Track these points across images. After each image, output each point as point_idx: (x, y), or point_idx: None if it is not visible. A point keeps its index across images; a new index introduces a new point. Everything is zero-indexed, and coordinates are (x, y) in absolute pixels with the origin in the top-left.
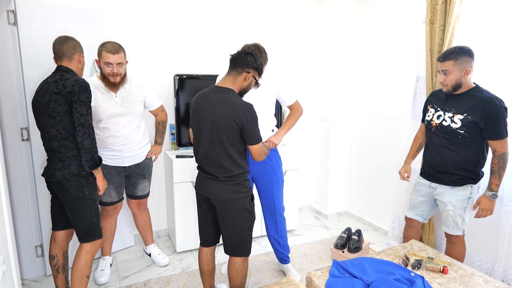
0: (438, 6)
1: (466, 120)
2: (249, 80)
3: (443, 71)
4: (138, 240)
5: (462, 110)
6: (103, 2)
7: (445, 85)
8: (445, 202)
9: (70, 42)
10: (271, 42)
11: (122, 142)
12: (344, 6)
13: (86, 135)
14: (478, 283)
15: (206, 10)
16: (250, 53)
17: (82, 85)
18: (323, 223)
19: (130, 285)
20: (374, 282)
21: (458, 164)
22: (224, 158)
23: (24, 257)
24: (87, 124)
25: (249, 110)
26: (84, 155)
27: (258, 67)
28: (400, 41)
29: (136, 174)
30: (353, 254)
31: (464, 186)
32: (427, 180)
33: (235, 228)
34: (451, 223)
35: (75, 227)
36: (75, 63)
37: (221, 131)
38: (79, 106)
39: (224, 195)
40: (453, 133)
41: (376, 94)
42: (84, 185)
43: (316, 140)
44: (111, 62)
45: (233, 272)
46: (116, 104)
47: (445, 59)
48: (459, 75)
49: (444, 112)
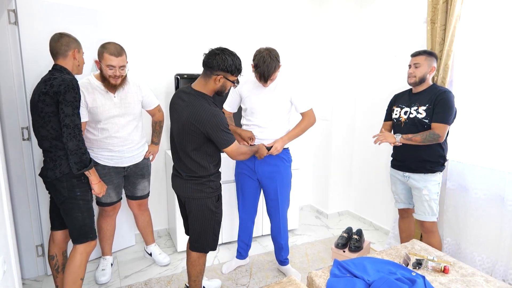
0: (439, 5)
1: (429, 110)
2: (221, 82)
3: (415, 64)
4: (139, 239)
5: (424, 102)
6: (104, 1)
7: (414, 76)
8: (420, 187)
9: (64, 39)
10: (272, 42)
11: (121, 143)
12: (345, 5)
13: (70, 136)
14: (479, 282)
15: (206, 9)
16: (219, 54)
17: (69, 84)
18: (324, 222)
19: (131, 285)
20: (375, 281)
21: (430, 151)
22: (188, 160)
23: (25, 257)
24: (72, 125)
25: (213, 119)
26: (70, 157)
27: (227, 68)
28: (401, 41)
29: (135, 174)
30: (354, 254)
31: (435, 173)
32: (400, 171)
33: (196, 225)
34: (426, 209)
35: (68, 228)
36: (70, 60)
37: (185, 136)
38: (64, 107)
39: (187, 193)
40: (419, 123)
41: (377, 94)
42: (75, 186)
43: (317, 140)
44: (114, 65)
45: (189, 265)
46: (115, 105)
47: (419, 54)
48: (427, 70)
49: (410, 107)
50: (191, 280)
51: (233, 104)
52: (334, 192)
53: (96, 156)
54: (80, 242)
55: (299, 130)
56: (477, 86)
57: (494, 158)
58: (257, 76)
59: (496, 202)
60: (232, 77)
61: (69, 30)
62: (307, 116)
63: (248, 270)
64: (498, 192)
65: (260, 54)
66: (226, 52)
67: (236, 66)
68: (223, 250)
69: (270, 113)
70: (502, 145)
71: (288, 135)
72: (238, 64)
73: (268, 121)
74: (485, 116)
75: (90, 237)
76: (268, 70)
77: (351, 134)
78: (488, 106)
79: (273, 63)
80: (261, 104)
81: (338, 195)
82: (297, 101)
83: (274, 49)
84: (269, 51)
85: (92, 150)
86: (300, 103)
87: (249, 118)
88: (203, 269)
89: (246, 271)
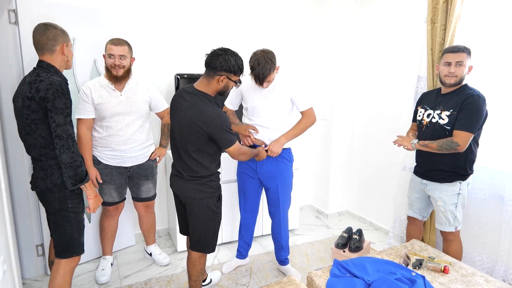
0: (439, 5)
1: (452, 116)
2: (224, 82)
3: (458, 62)
4: (139, 239)
5: (449, 107)
6: (104, 1)
7: (455, 76)
8: (435, 198)
9: (50, 32)
10: (272, 42)
11: (124, 142)
12: (345, 5)
13: (64, 148)
14: (479, 283)
15: (207, 9)
16: (222, 54)
17: (58, 89)
18: (324, 222)
19: (131, 285)
20: (375, 281)
21: (446, 161)
22: (189, 160)
23: (25, 257)
24: (65, 135)
25: (218, 119)
26: (65, 170)
27: (230, 69)
28: (401, 41)
29: (138, 175)
30: (354, 254)
31: (454, 183)
32: (419, 177)
33: (197, 226)
34: (443, 220)
35: (54, 240)
36: (58, 56)
37: (188, 136)
38: (55, 115)
39: (188, 193)
40: (441, 129)
41: (377, 94)
42: (67, 197)
43: (317, 140)
44: (113, 53)
45: (190, 265)
46: (120, 103)
47: (460, 51)
48: (466, 70)
49: (434, 110)
50: (192, 280)
51: (234, 101)
52: (334, 192)
53: (99, 155)
54: (64, 256)
55: (298, 130)
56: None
57: (494, 158)
58: (253, 78)
59: (496, 202)
60: (235, 77)
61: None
62: (307, 115)
63: (248, 270)
64: (498, 192)
65: (256, 57)
66: (229, 53)
67: (238, 67)
68: (223, 250)
69: (271, 113)
70: (502, 145)
71: (286, 135)
72: (240, 64)
73: (269, 120)
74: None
75: (76, 252)
76: (263, 73)
77: (351, 134)
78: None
79: (267, 66)
80: (261, 104)
81: (338, 195)
82: (297, 99)
83: (271, 51)
84: (264, 53)
85: (96, 149)
86: (300, 101)
87: (250, 117)
88: (203, 268)
89: (246, 271)
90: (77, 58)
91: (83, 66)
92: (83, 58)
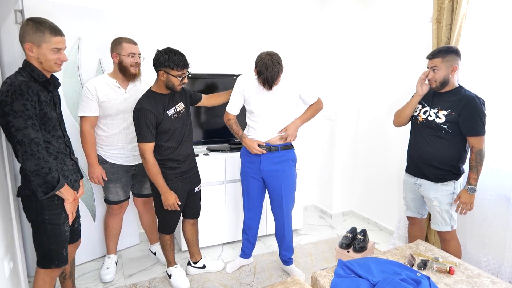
0: (445, 4)
1: (450, 116)
2: (165, 77)
3: (432, 67)
4: (143, 238)
5: (446, 107)
6: (110, 1)
7: (434, 81)
8: (431, 198)
9: (22, 29)
10: (275, 43)
11: (130, 140)
12: (348, 6)
13: (27, 155)
14: (485, 284)
15: (211, 10)
16: (160, 53)
17: (16, 89)
18: (328, 222)
19: (135, 283)
20: (380, 282)
21: (441, 158)
22: None
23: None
24: (26, 140)
25: (136, 112)
26: (32, 179)
27: (164, 63)
28: (406, 40)
29: (143, 172)
30: (358, 254)
31: (447, 182)
32: (413, 176)
33: None
34: (439, 220)
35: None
36: (28, 54)
37: None
38: (13, 119)
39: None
40: (437, 128)
41: (381, 94)
42: (45, 208)
43: (321, 140)
44: (135, 52)
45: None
46: (125, 100)
47: (434, 57)
48: (447, 72)
49: (431, 108)
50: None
51: (236, 106)
52: (338, 192)
53: (105, 154)
54: (42, 266)
55: (312, 112)
56: (482, 86)
57: (500, 158)
58: (261, 83)
59: (502, 203)
60: (174, 72)
61: (75, 30)
62: (316, 102)
63: (252, 269)
64: (504, 192)
65: (262, 61)
66: (168, 51)
67: (174, 62)
68: (227, 249)
69: (275, 114)
70: (509, 146)
71: (301, 118)
72: (176, 60)
73: (274, 121)
74: (492, 116)
75: (55, 264)
76: (271, 76)
77: (355, 133)
78: (494, 106)
79: (275, 69)
80: (266, 106)
81: (342, 195)
82: (306, 94)
83: (276, 53)
84: (270, 56)
85: (102, 148)
86: (309, 95)
87: (254, 119)
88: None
89: (250, 270)
90: (82, 58)
91: (89, 66)
92: (88, 58)
